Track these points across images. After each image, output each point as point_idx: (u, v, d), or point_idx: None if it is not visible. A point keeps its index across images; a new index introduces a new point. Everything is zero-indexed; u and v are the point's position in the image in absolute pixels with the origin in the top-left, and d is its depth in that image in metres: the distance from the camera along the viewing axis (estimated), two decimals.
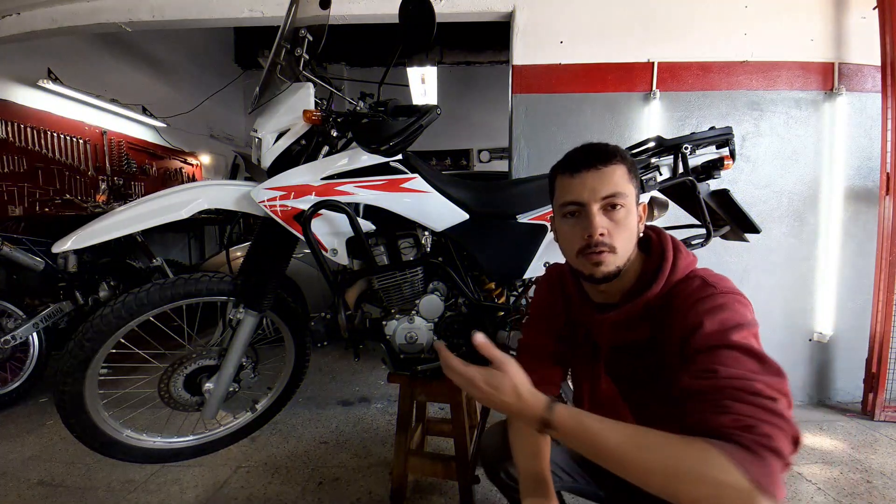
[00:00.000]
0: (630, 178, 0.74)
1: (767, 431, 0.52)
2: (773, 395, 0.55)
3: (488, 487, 1.52)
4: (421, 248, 1.35)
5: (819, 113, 2.13)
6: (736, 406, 0.55)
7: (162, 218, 1.15)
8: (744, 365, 0.59)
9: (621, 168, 0.73)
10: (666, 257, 0.73)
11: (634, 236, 0.75)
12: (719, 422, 0.55)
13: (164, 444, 1.38)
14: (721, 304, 0.65)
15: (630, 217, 0.73)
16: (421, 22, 1.14)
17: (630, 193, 0.73)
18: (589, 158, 0.73)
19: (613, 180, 0.72)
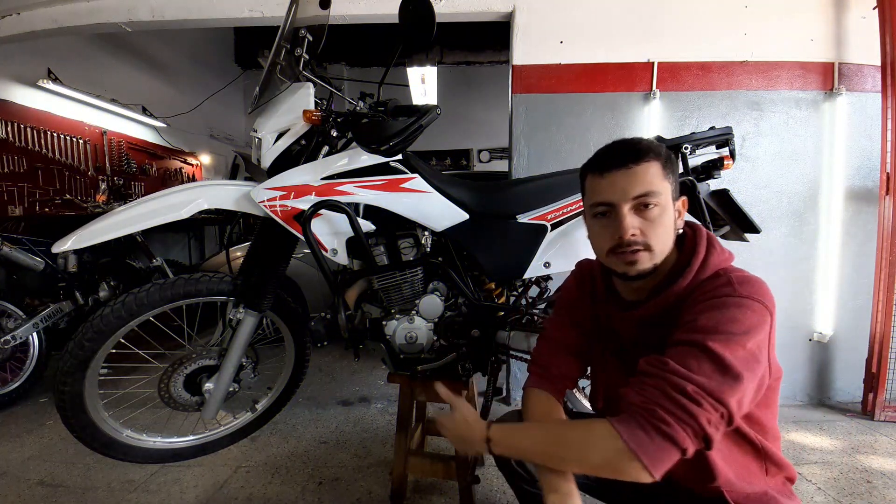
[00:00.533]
0: (665, 175, 0.72)
1: (664, 417, 0.60)
2: (697, 399, 0.60)
3: (488, 487, 1.52)
4: (421, 248, 1.35)
5: (819, 113, 2.13)
6: (652, 392, 0.63)
7: (162, 218, 1.14)
8: (699, 368, 0.62)
9: (654, 165, 0.71)
10: (697, 252, 0.72)
11: (671, 233, 0.73)
12: (633, 399, 0.65)
13: (163, 444, 1.38)
14: (728, 307, 0.65)
15: (665, 214, 0.71)
16: (421, 22, 1.14)
17: (664, 190, 0.71)
18: (618, 157, 0.72)
19: (646, 179, 0.70)
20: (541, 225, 1.38)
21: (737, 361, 0.61)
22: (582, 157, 2.38)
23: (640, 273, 0.73)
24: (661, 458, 0.60)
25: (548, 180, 1.41)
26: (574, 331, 0.92)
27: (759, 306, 0.65)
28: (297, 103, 1.25)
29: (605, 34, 2.12)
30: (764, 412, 0.73)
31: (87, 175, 3.79)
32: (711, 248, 0.73)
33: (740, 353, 0.62)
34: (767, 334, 0.65)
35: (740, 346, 0.62)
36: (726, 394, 0.60)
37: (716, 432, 0.61)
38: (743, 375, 0.61)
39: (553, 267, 1.40)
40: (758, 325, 0.64)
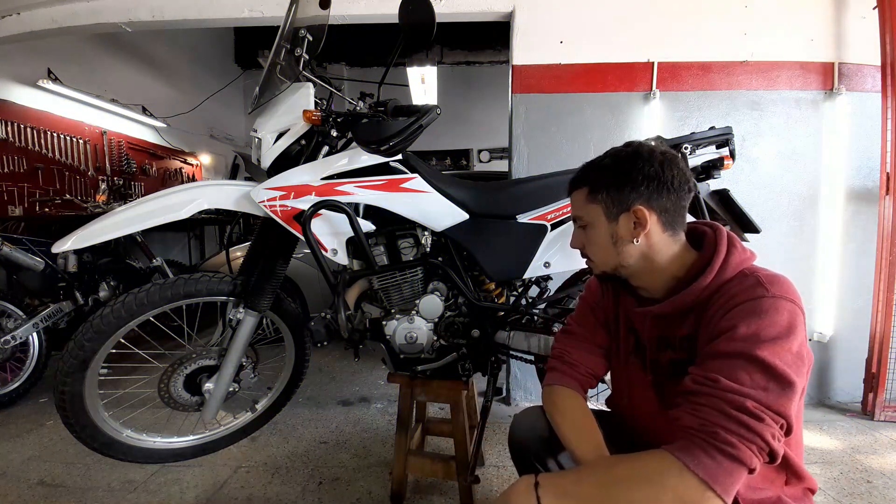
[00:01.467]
0: (591, 199, 0.80)
1: (728, 439, 0.58)
2: (759, 414, 0.59)
3: (488, 487, 1.52)
4: (421, 248, 1.35)
5: (819, 113, 2.13)
6: (710, 413, 0.61)
7: (162, 218, 1.15)
8: (752, 380, 0.61)
9: (579, 193, 0.83)
10: (718, 252, 0.73)
11: (608, 248, 0.80)
12: (688, 423, 0.63)
13: (163, 444, 1.38)
14: (765, 310, 0.64)
15: (594, 232, 0.81)
16: (421, 22, 1.14)
17: (589, 213, 0.81)
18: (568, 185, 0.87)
19: (574, 204, 0.85)
20: (541, 225, 1.38)
21: (787, 367, 0.61)
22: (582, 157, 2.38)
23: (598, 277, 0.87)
24: (731, 482, 0.59)
25: (548, 180, 1.41)
26: (600, 329, 0.94)
27: (792, 305, 0.65)
28: (297, 103, 1.25)
29: (605, 34, 2.12)
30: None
31: (87, 175, 3.79)
32: (732, 248, 0.73)
33: (788, 358, 0.61)
34: (803, 333, 0.65)
35: (787, 350, 0.61)
36: (784, 405, 0.60)
37: (779, 445, 0.60)
38: (795, 382, 0.60)
39: (553, 267, 1.40)
40: (796, 325, 0.63)
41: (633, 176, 0.76)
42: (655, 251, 0.77)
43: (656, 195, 0.75)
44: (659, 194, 0.75)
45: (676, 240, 0.78)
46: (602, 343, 0.94)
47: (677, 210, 0.77)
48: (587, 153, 2.14)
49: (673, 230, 0.77)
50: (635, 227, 0.76)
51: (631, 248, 0.78)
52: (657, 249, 0.77)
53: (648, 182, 0.75)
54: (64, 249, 1.09)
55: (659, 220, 0.76)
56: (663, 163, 0.75)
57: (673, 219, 0.77)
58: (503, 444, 1.82)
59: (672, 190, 0.75)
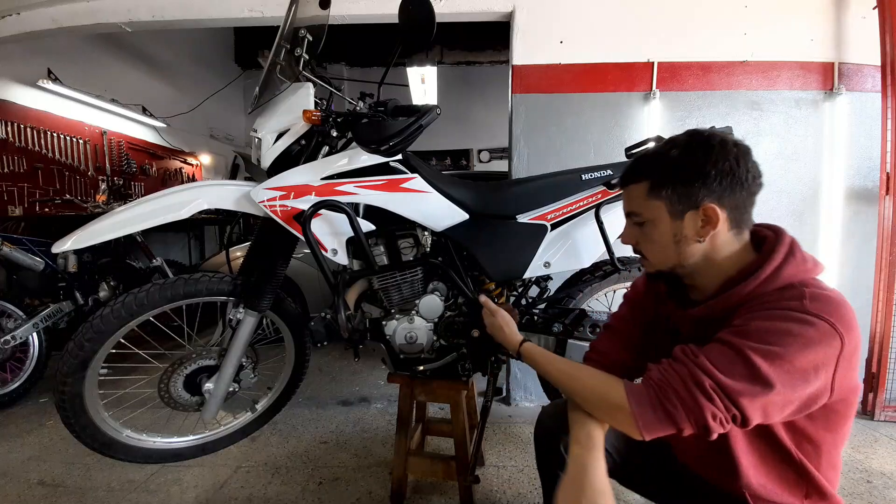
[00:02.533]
0: (653, 194, 0.74)
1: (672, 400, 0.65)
2: (710, 394, 0.63)
3: (488, 487, 1.52)
4: (421, 248, 1.35)
5: (819, 113, 2.13)
6: (672, 377, 0.67)
7: (162, 218, 1.14)
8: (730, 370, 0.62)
9: (639, 187, 0.76)
10: (771, 260, 0.69)
11: (668, 247, 0.75)
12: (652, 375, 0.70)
13: (163, 444, 1.38)
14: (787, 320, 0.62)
15: (654, 230, 0.76)
16: (421, 22, 1.14)
17: (649, 209, 0.75)
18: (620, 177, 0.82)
19: (630, 200, 0.79)
20: (541, 225, 1.38)
21: (773, 372, 0.60)
22: (582, 157, 2.38)
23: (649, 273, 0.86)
24: (655, 428, 0.67)
25: (548, 180, 1.41)
26: (637, 326, 0.94)
27: (826, 326, 0.61)
28: (296, 103, 1.25)
29: (605, 34, 2.12)
30: (821, 433, 0.70)
31: (87, 175, 3.79)
32: (790, 258, 0.69)
33: (781, 366, 0.60)
34: (830, 356, 0.61)
35: (786, 360, 0.60)
36: (745, 397, 0.61)
37: (719, 427, 0.63)
38: (775, 386, 0.60)
39: (553, 267, 1.40)
40: (816, 344, 0.60)
41: (705, 170, 0.69)
42: (718, 251, 0.73)
43: (729, 191, 0.69)
44: (732, 191, 0.69)
45: (740, 239, 0.73)
46: (636, 339, 0.93)
47: (747, 207, 0.72)
48: (587, 153, 2.14)
49: (739, 229, 0.73)
50: (703, 225, 0.71)
51: (694, 248, 0.73)
52: (720, 249, 0.73)
53: (722, 177, 0.69)
54: (64, 249, 1.09)
55: (728, 219, 0.71)
56: (738, 156, 0.69)
57: (741, 216, 0.72)
58: (503, 444, 1.82)
59: (745, 186, 0.70)
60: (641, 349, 0.93)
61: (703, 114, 2.13)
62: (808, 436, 0.70)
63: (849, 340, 0.62)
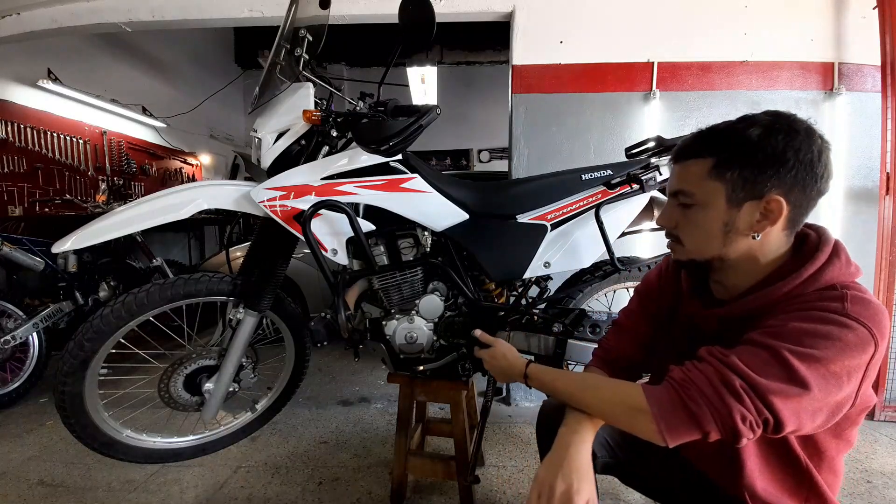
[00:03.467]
0: (714, 175, 0.66)
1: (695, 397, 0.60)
2: (740, 393, 0.58)
3: (488, 487, 1.52)
4: (421, 248, 1.35)
5: (819, 113, 2.13)
6: (697, 376, 0.62)
7: (162, 218, 1.14)
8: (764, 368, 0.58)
9: (699, 164, 0.68)
10: (814, 260, 0.65)
11: (714, 236, 0.68)
12: (674, 375, 0.65)
13: (163, 444, 1.38)
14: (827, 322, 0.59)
15: (703, 215, 0.68)
16: (421, 22, 1.14)
17: (704, 191, 0.67)
18: (676, 150, 0.73)
19: (683, 177, 0.71)
20: (541, 225, 1.38)
21: (809, 374, 0.57)
22: (582, 157, 2.38)
23: (678, 261, 0.77)
24: (678, 430, 0.61)
25: (548, 180, 1.41)
26: (645, 321, 0.92)
27: (865, 332, 0.58)
28: (296, 103, 1.25)
29: (605, 34, 2.12)
30: (829, 440, 0.69)
31: (87, 175, 3.79)
32: (835, 259, 0.65)
33: (818, 369, 0.57)
34: (863, 363, 0.59)
35: (822, 364, 0.57)
36: (778, 397, 0.57)
37: (748, 431, 0.58)
38: (811, 387, 0.56)
39: (553, 267, 1.40)
40: (854, 350, 0.58)
41: (785, 157, 0.62)
42: (765, 249, 0.68)
43: (800, 186, 0.64)
44: (803, 186, 0.63)
45: (789, 240, 0.69)
46: (645, 333, 0.91)
47: (809, 207, 0.67)
48: (587, 153, 2.14)
49: (791, 230, 0.68)
50: (761, 219, 0.65)
51: (743, 242, 0.67)
52: (768, 248, 0.68)
53: (799, 169, 0.63)
54: (64, 249, 1.09)
55: (787, 216, 0.65)
56: (821, 149, 0.63)
57: (800, 216, 0.67)
58: (503, 444, 1.82)
59: (817, 183, 0.64)
60: (650, 346, 0.91)
61: (704, 114, 2.13)
62: (816, 441, 0.69)
63: (881, 348, 0.60)
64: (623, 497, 1.43)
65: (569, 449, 0.71)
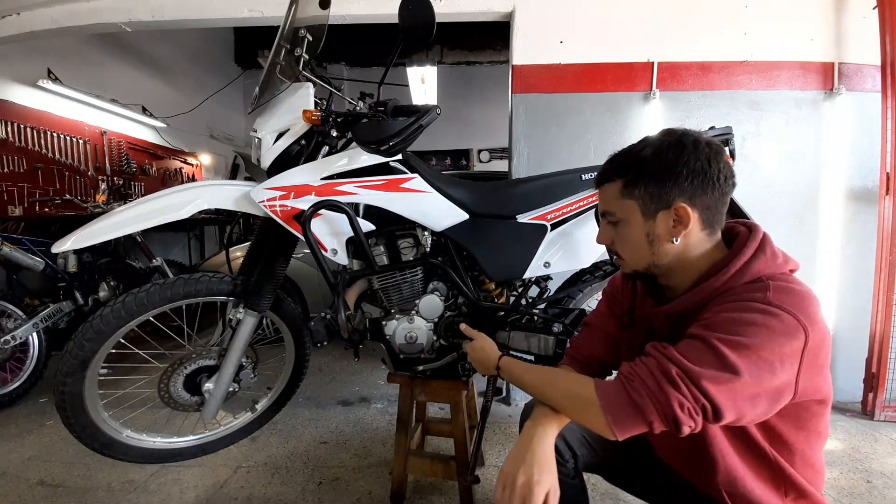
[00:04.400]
0: (626, 194, 0.74)
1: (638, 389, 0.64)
2: (676, 381, 0.62)
3: (488, 487, 1.52)
4: (421, 248, 1.35)
5: (819, 113, 2.13)
6: (641, 369, 0.66)
7: (162, 218, 1.14)
8: (698, 359, 0.62)
9: (612, 187, 0.77)
10: (740, 255, 0.69)
11: (642, 247, 0.75)
12: (622, 370, 0.70)
13: (163, 444, 1.38)
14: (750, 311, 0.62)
15: (627, 229, 0.76)
16: (421, 22, 1.14)
17: (623, 209, 0.76)
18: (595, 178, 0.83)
19: (604, 199, 0.80)
20: (540, 225, 1.38)
21: (739, 360, 0.59)
22: (582, 157, 2.38)
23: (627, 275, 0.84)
24: (624, 423, 0.65)
25: (548, 180, 1.41)
26: (612, 321, 0.95)
27: (790, 319, 0.61)
28: (296, 103, 1.25)
29: (605, 34, 2.12)
30: (792, 432, 0.71)
31: (87, 175, 3.79)
32: (760, 253, 0.69)
33: (748, 356, 0.60)
34: (796, 350, 0.61)
35: (752, 350, 0.60)
36: (710, 382, 0.60)
37: (687, 419, 0.61)
38: (741, 372, 0.59)
39: (553, 267, 1.40)
40: (781, 336, 0.60)
41: (676, 170, 0.69)
42: (690, 250, 0.73)
43: (700, 191, 0.70)
44: (703, 190, 0.70)
45: (712, 238, 0.74)
46: (612, 334, 0.94)
47: (719, 207, 0.72)
48: (587, 153, 2.14)
49: (711, 228, 0.73)
50: (675, 225, 0.72)
51: (668, 248, 0.73)
52: (692, 248, 0.73)
53: (693, 177, 0.69)
54: (64, 249, 1.09)
55: (700, 219, 0.71)
56: (710, 156, 0.69)
57: (713, 216, 0.72)
58: (503, 444, 1.82)
59: (717, 186, 0.70)
60: (619, 346, 0.94)
61: (703, 114, 2.13)
62: (779, 434, 0.71)
63: (813, 335, 0.62)
64: (623, 497, 1.43)
65: (531, 441, 0.73)
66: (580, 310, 1.37)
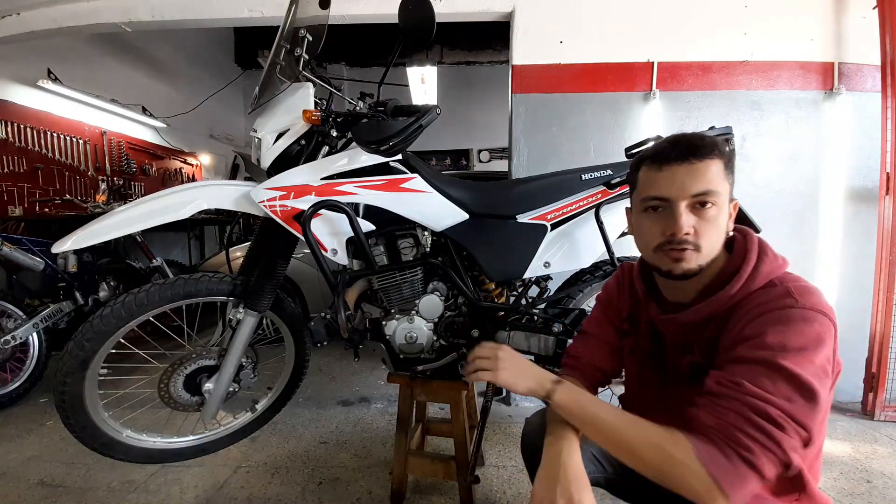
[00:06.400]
0: (726, 174, 0.70)
1: (747, 444, 0.58)
2: (781, 423, 0.58)
3: (488, 487, 1.52)
4: (420, 248, 1.35)
5: (819, 113, 2.13)
6: (731, 416, 0.60)
7: (162, 218, 1.14)
8: (775, 388, 0.59)
9: (717, 163, 0.69)
10: (748, 260, 0.70)
11: (723, 235, 0.72)
12: (707, 422, 0.61)
13: (163, 444, 1.38)
14: (794, 320, 0.62)
15: (720, 215, 0.70)
16: (421, 22, 1.14)
17: (724, 191, 0.70)
18: (682, 151, 0.70)
19: (707, 177, 0.68)
20: (541, 225, 1.38)
21: (811, 379, 0.59)
22: (582, 157, 2.37)
23: (685, 272, 0.71)
24: (741, 485, 0.58)
25: (548, 180, 1.41)
26: (610, 328, 0.93)
27: (824, 318, 0.62)
28: (296, 103, 1.25)
29: (605, 34, 2.12)
30: None
31: (87, 175, 3.79)
32: (763, 256, 0.70)
33: (812, 370, 0.59)
34: (831, 347, 0.62)
35: (811, 361, 0.60)
36: (808, 417, 0.58)
37: (798, 458, 0.59)
38: (819, 394, 0.59)
39: (553, 267, 1.40)
40: (824, 338, 0.61)
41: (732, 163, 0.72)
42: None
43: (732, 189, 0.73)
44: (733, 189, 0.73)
45: None
46: (611, 341, 0.92)
47: None
48: (587, 153, 2.14)
49: None
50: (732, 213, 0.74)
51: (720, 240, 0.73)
52: None
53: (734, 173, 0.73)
54: (64, 249, 1.09)
55: None
56: None
57: None
58: (503, 444, 1.82)
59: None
60: (615, 350, 0.93)
61: (703, 114, 2.13)
62: None
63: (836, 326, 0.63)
64: None
65: (560, 458, 0.69)
66: (580, 310, 1.38)
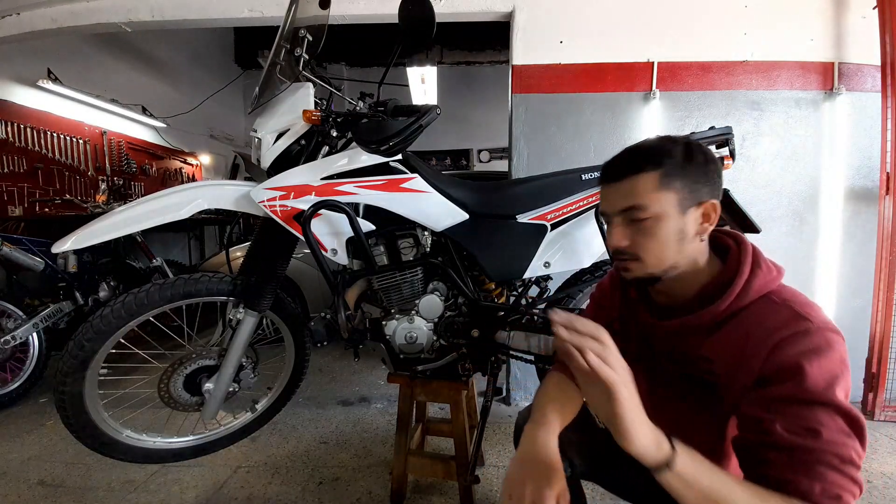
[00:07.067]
0: (663, 186, 0.68)
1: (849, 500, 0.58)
2: (858, 462, 0.59)
3: (488, 487, 1.52)
4: (421, 248, 1.35)
5: (819, 113, 2.13)
6: (830, 475, 0.59)
7: (162, 218, 1.15)
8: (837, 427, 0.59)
9: (646, 177, 0.69)
10: (740, 273, 0.69)
11: (671, 245, 0.70)
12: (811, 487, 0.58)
13: (163, 444, 1.38)
14: (820, 347, 0.61)
15: (660, 226, 0.69)
16: (421, 22, 1.14)
17: (657, 202, 0.69)
18: (611, 170, 0.74)
19: (632, 192, 0.70)
20: (541, 225, 1.38)
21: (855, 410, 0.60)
22: (582, 157, 2.37)
23: (634, 280, 0.74)
24: None
25: (548, 180, 1.41)
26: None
27: (838, 336, 0.63)
28: (296, 103, 1.25)
29: (605, 34, 2.12)
30: None
31: (87, 175, 3.79)
32: (757, 269, 0.69)
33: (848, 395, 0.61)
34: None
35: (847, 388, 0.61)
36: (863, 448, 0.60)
37: None
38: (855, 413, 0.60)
39: (553, 267, 1.40)
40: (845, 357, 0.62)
41: (707, 167, 0.70)
42: (700, 256, 0.73)
43: (718, 192, 0.72)
44: (719, 191, 0.72)
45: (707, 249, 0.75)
46: None
47: None
48: (587, 153, 2.14)
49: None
50: (703, 221, 0.71)
51: (692, 247, 0.71)
52: (701, 255, 0.73)
53: (717, 176, 0.71)
54: (64, 249, 1.09)
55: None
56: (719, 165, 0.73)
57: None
58: (503, 444, 1.82)
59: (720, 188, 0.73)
60: None
61: (703, 114, 2.13)
62: None
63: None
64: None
65: (535, 444, 0.70)
66: (580, 310, 1.38)
